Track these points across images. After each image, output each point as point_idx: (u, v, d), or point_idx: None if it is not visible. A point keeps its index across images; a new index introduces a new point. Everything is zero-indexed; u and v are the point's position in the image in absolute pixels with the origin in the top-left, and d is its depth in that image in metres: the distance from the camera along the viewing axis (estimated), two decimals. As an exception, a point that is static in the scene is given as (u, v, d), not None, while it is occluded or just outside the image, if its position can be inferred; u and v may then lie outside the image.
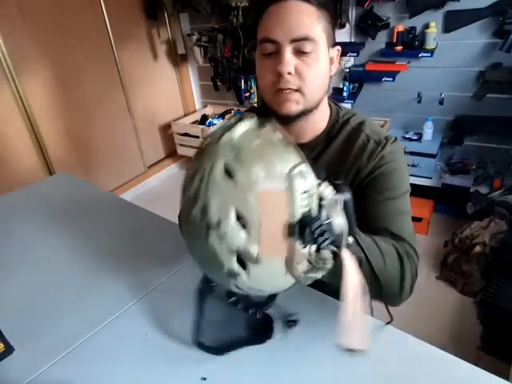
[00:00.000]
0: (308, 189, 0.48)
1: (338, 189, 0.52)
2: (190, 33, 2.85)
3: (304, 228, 0.47)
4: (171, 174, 3.30)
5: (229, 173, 0.48)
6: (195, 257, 0.54)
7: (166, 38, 3.03)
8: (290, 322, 0.73)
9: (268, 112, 0.77)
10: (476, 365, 0.63)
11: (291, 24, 0.68)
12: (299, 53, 0.69)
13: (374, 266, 0.62)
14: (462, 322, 1.68)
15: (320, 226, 0.48)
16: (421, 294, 1.82)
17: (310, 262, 0.50)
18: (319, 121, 0.81)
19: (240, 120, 0.52)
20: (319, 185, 0.50)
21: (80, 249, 1.06)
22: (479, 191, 2.09)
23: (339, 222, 0.50)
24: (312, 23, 0.69)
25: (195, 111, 3.34)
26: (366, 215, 0.74)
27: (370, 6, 2.16)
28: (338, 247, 0.50)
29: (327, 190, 0.50)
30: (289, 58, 0.69)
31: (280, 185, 0.47)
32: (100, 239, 1.10)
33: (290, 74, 0.69)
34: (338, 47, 0.77)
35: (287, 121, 0.75)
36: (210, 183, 0.48)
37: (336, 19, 2.23)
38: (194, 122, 3.14)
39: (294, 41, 0.68)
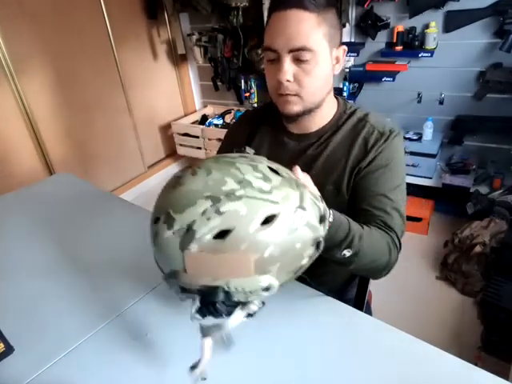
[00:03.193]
0: (250, 289, 0.50)
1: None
2: (190, 33, 2.85)
3: (210, 294, 0.49)
4: (171, 174, 3.24)
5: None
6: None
7: (166, 38, 3.03)
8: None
9: (275, 109, 0.83)
10: (476, 365, 0.63)
11: (289, 34, 0.70)
12: (298, 60, 0.72)
13: (368, 256, 0.70)
14: (463, 322, 1.68)
15: (216, 310, 0.50)
16: (421, 294, 1.84)
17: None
18: (325, 114, 0.84)
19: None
20: (256, 292, 0.51)
21: (80, 249, 1.06)
22: (479, 191, 2.09)
23: (229, 325, 0.52)
24: (311, 32, 0.70)
25: (195, 111, 3.34)
26: (363, 201, 0.78)
27: (370, 6, 2.16)
28: (206, 332, 0.54)
29: (255, 303, 0.53)
30: (287, 68, 0.72)
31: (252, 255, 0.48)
32: (100, 239, 1.10)
33: (288, 81, 0.73)
34: (344, 47, 0.79)
35: (290, 119, 0.82)
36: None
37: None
38: (194, 122, 3.13)
39: (292, 51, 0.71)
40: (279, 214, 0.48)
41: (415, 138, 2.28)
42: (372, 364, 0.66)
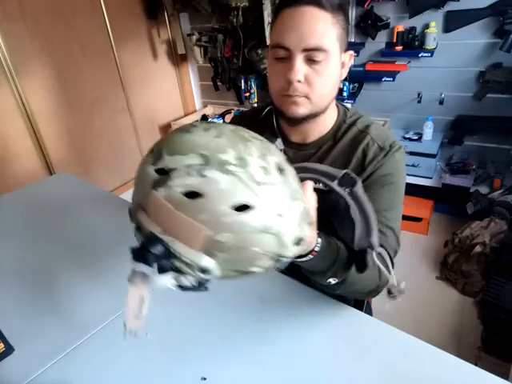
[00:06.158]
0: (189, 261, 0.47)
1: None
2: (190, 33, 2.85)
3: (151, 241, 0.48)
4: (171, 174, 3.30)
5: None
6: None
7: (166, 37, 3.03)
8: None
9: (276, 110, 0.79)
10: (476, 365, 0.63)
11: (304, 32, 0.66)
12: (310, 61, 0.68)
13: (356, 284, 0.69)
14: (463, 322, 1.68)
15: (147, 259, 0.48)
16: (421, 294, 1.84)
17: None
18: (326, 121, 0.81)
19: None
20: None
21: (80, 248, 1.06)
22: (479, 191, 2.09)
23: (155, 281, 0.53)
24: (325, 31, 0.67)
25: (195, 111, 3.34)
26: None
27: (370, 6, 2.16)
28: (132, 277, 0.58)
29: (188, 279, 0.51)
30: (299, 67, 0.68)
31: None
32: (100, 239, 1.10)
33: (299, 81, 0.69)
34: (351, 52, 0.76)
35: (293, 122, 0.77)
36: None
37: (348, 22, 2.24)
38: (194, 122, 3.14)
39: (305, 50, 0.67)
40: (255, 208, 0.45)
41: (415, 138, 2.29)
42: (372, 364, 0.66)
